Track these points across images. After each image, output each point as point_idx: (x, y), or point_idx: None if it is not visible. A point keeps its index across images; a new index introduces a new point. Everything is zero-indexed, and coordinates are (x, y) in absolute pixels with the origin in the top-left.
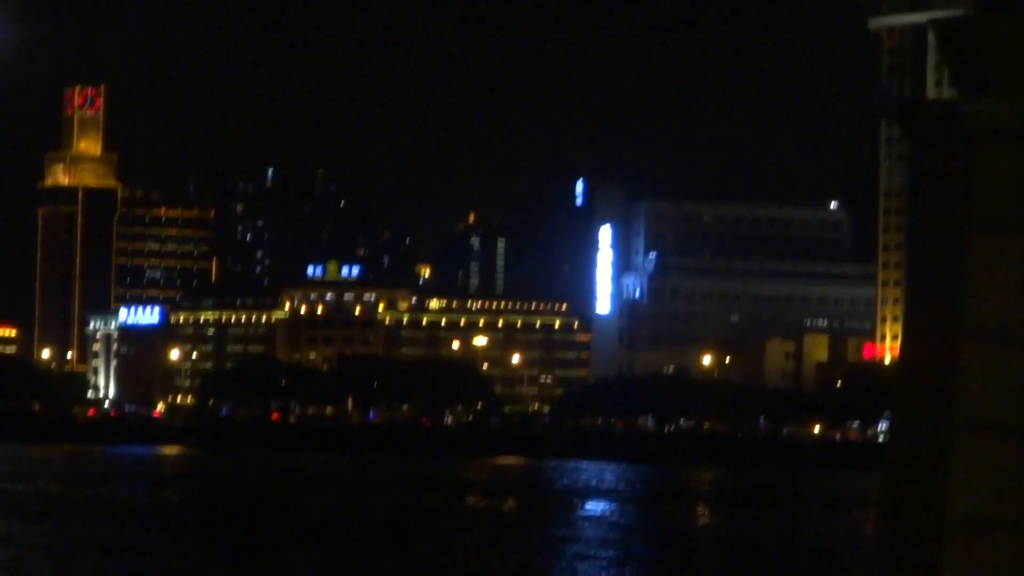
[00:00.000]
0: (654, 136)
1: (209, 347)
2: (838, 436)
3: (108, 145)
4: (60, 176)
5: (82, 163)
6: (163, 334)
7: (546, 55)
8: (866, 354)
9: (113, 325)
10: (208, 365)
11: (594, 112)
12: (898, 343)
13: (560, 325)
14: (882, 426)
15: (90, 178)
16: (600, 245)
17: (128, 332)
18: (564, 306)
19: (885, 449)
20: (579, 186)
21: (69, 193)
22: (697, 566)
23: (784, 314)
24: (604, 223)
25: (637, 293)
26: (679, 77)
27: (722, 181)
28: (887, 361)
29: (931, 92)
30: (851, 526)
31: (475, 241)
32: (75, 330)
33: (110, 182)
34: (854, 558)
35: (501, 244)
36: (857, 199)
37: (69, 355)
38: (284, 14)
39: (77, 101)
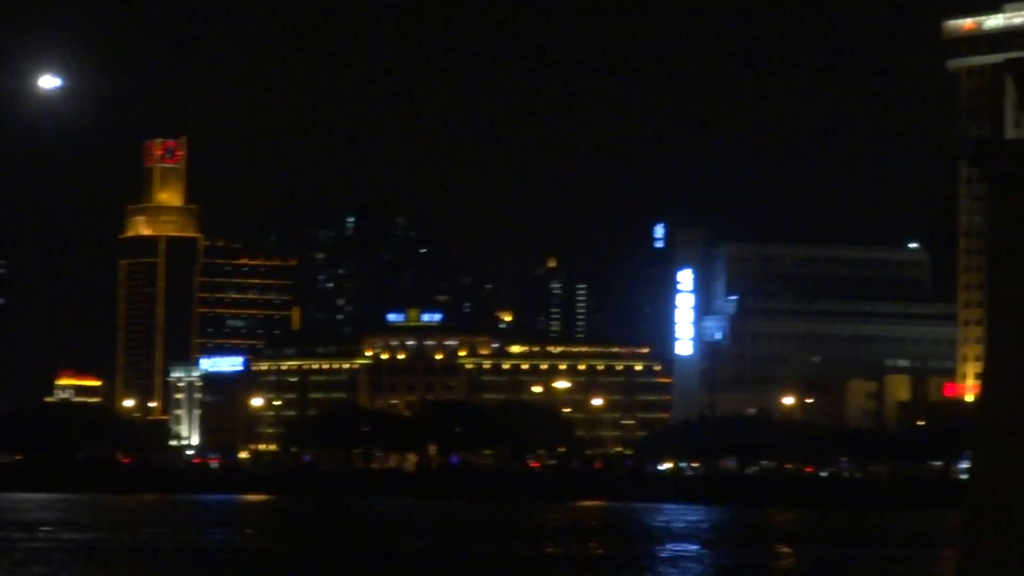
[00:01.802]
0: (733, 179)
1: (292, 395)
2: (920, 475)
3: (190, 196)
4: (141, 227)
5: (163, 214)
6: (246, 382)
7: (625, 99)
8: (947, 393)
9: (195, 374)
10: (291, 412)
11: (673, 155)
12: (979, 382)
13: (641, 368)
14: (963, 465)
15: (171, 229)
16: (681, 288)
17: (211, 380)
18: (645, 349)
19: (966, 488)
20: (659, 230)
21: (150, 244)
22: None
23: (865, 354)
24: (684, 266)
25: (718, 335)
26: (758, 120)
27: (801, 223)
28: (968, 400)
29: (1009, 133)
30: (932, 565)
31: (555, 286)
32: (157, 379)
33: (191, 232)
34: None
35: (581, 289)
36: (936, 239)
37: (152, 404)
38: (363, 64)
39: (158, 153)
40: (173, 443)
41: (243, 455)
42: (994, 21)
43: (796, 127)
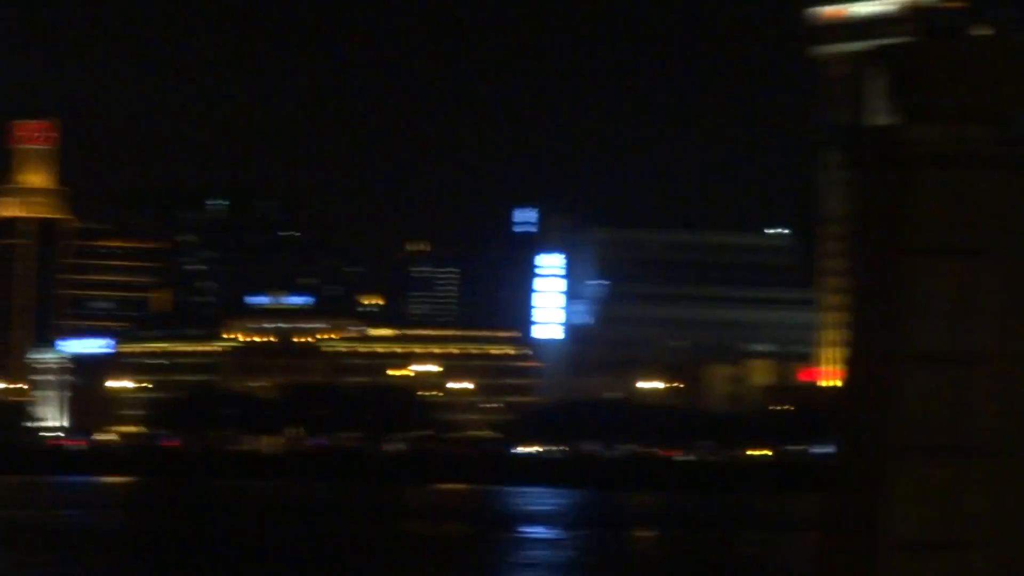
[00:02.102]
0: (602, 165)
1: (157, 377)
2: (781, 459)
3: (62, 179)
4: (8, 209)
5: (32, 196)
6: (111, 364)
7: (494, 86)
8: (803, 378)
9: (57, 355)
10: (157, 395)
11: (543, 141)
12: (839, 367)
13: (508, 352)
14: (823, 449)
15: (41, 210)
16: (549, 272)
17: (77, 362)
18: (513, 333)
19: (827, 471)
20: (528, 215)
21: (18, 224)
22: None
23: (728, 339)
24: (553, 251)
25: (585, 319)
26: (625, 106)
27: (669, 208)
28: (827, 385)
29: (872, 120)
30: (794, 547)
31: (423, 269)
32: (16, 360)
33: (61, 214)
34: None
35: (449, 272)
36: (800, 225)
37: (14, 386)
38: (231, 47)
39: (26, 135)
40: (33, 424)
41: (107, 437)
42: (859, 8)
43: (664, 112)
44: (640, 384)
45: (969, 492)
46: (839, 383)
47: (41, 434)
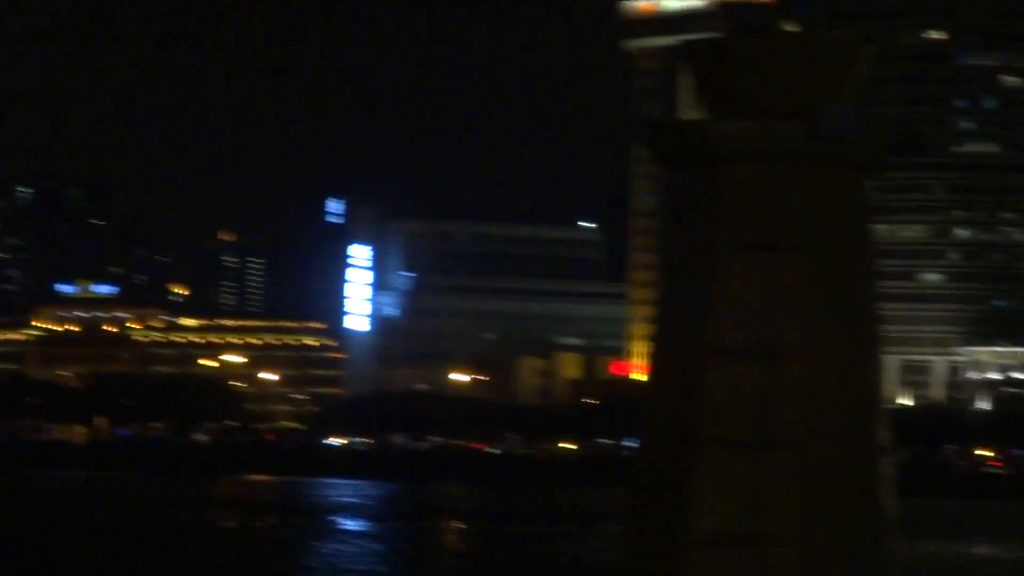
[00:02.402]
0: (410, 156)
1: None
2: (589, 452)
3: None
4: None
5: None
6: None
7: (301, 77)
8: (614, 371)
9: None
10: None
11: (351, 133)
12: (647, 361)
13: (315, 343)
14: (630, 443)
15: None
16: (356, 264)
17: None
18: (319, 325)
19: (631, 465)
20: (336, 206)
21: None
22: None
23: (538, 332)
24: (360, 242)
25: (393, 311)
26: (439, 98)
27: (478, 201)
28: (636, 378)
29: (684, 114)
30: (600, 541)
31: (231, 260)
32: None
33: None
34: (605, 572)
35: (257, 263)
36: (609, 219)
37: None
38: (38, 31)
39: None
40: None
41: None
42: (671, 4)
43: (477, 105)
44: (450, 376)
45: (774, 486)
46: (646, 377)
47: None
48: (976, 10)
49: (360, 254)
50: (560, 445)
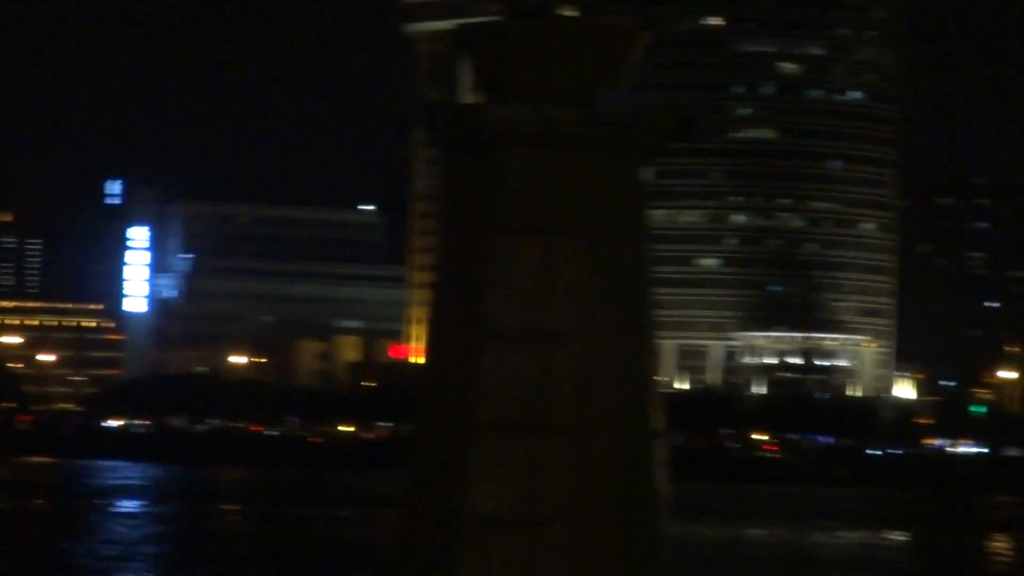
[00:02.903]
0: (190, 138)
1: None
2: (369, 435)
3: None
4: None
5: None
6: None
7: (75, 55)
8: (393, 355)
9: None
10: None
11: (131, 113)
12: (423, 345)
13: (94, 325)
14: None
15: None
16: (135, 245)
17: None
18: (98, 306)
19: (408, 448)
20: (114, 187)
21: None
22: (223, 562)
23: (317, 315)
24: (140, 224)
25: (172, 293)
26: (217, 80)
27: (258, 184)
28: (415, 362)
29: (464, 99)
30: (377, 524)
31: (7, 240)
32: None
33: None
34: (381, 554)
35: (34, 244)
36: (390, 202)
37: None
38: None
39: None
40: None
41: None
42: None
43: (255, 87)
44: (229, 359)
45: (549, 470)
46: (422, 360)
47: None
48: None
49: (139, 235)
50: (339, 428)
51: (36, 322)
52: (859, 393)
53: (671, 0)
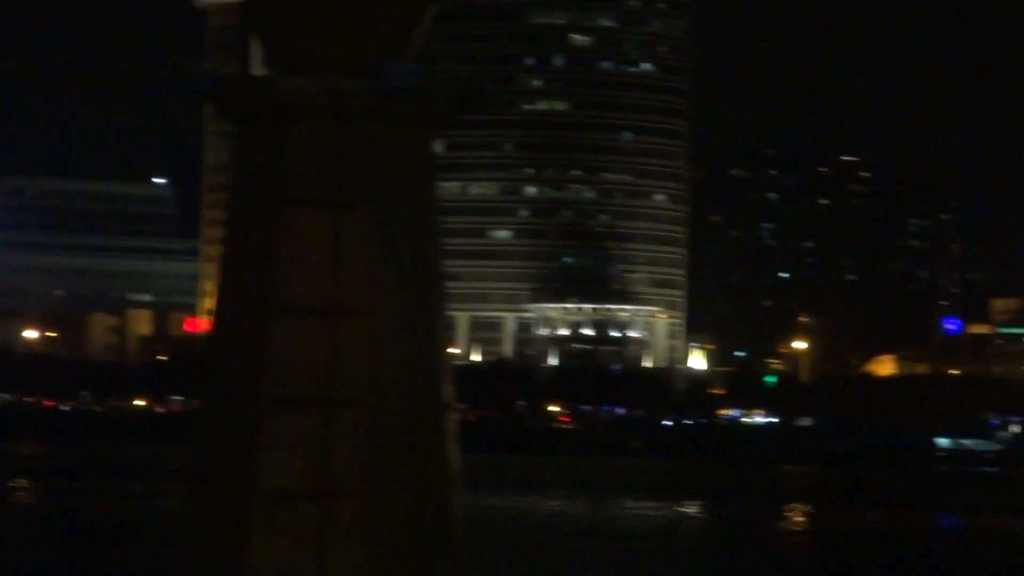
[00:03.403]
0: None
1: None
2: (162, 410)
3: None
4: None
5: None
6: None
7: None
8: (187, 328)
9: None
10: None
11: None
12: (211, 317)
13: None
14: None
15: None
16: None
17: None
18: None
19: (197, 422)
20: None
21: None
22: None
23: (109, 289)
24: None
25: None
26: (4, 50)
27: (49, 156)
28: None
29: (256, 71)
30: (168, 498)
31: None
32: None
33: None
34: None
35: None
36: (181, 175)
37: None
38: None
39: None
40: None
41: None
42: None
43: (44, 58)
44: (21, 333)
45: (340, 443)
46: (211, 334)
47: None
48: None
49: None
50: (133, 402)
51: None
52: (652, 364)
53: None
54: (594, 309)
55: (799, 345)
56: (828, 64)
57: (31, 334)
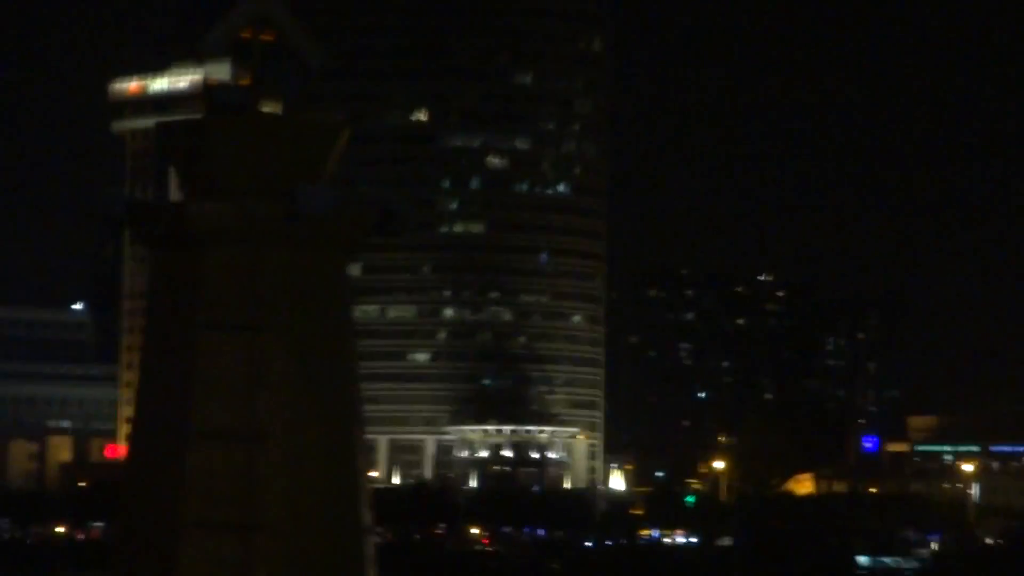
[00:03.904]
0: None
1: None
2: (82, 536)
3: None
4: None
5: None
6: None
7: None
8: (108, 454)
9: None
10: None
11: None
12: (128, 443)
13: None
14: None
15: None
16: None
17: None
18: None
19: (108, 547)
20: None
21: None
22: None
23: (28, 415)
24: None
25: None
26: None
27: None
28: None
29: (173, 196)
30: None
31: None
32: None
33: None
34: None
35: None
36: (99, 301)
37: None
38: None
39: None
40: None
41: None
42: (158, 84)
43: None
44: None
45: (258, 567)
46: (126, 459)
47: None
48: (460, 92)
49: None
50: (55, 529)
51: None
52: (572, 485)
53: (377, 95)
54: (513, 431)
55: (718, 465)
56: (744, 184)
57: None
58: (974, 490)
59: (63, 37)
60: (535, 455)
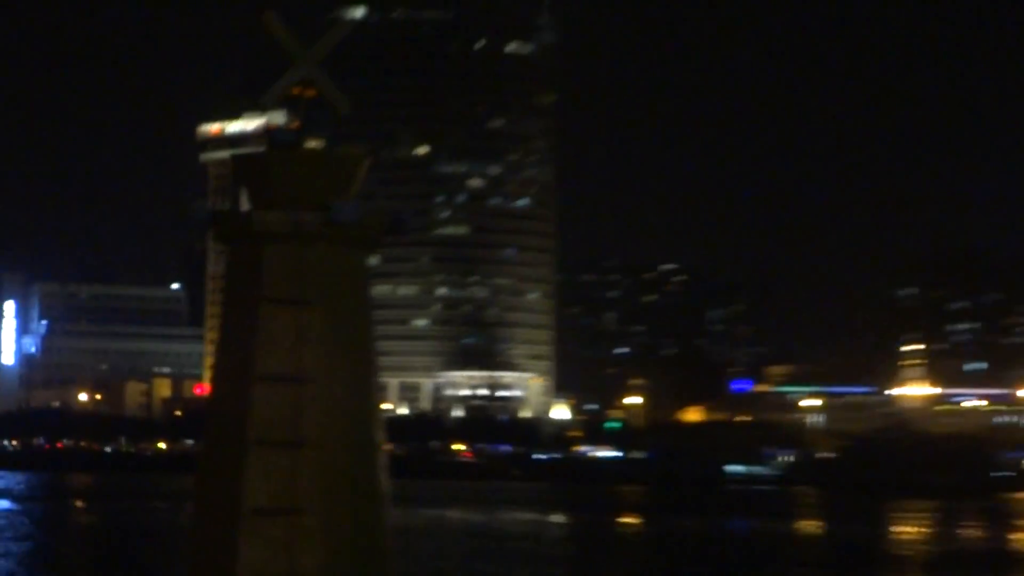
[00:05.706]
0: (47, 230)
1: None
2: (177, 450)
3: None
4: None
5: None
6: None
7: None
8: (197, 391)
9: None
10: None
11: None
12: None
13: None
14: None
15: None
16: (5, 315)
17: None
18: None
19: (197, 458)
20: None
21: None
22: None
23: (140, 364)
24: (8, 299)
25: (33, 349)
26: (63, 185)
27: (96, 265)
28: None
29: (239, 207)
30: (183, 514)
31: None
32: None
33: None
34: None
35: None
36: (191, 280)
37: None
38: None
39: None
40: None
41: None
42: (233, 127)
43: (94, 195)
44: (77, 396)
45: (302, 473)
46: (209, 393)
47: None
48: (450, 132)
49: (8, 309)
50: (157, 445)
51: None
52: (528, 414)
53: (389, 134)
54: (487, 376)
55: (634, 400)
56: (659, 191)
57: (83, 397)
58: (821, 419)
59: (166, 90)
60: (502, 393)
